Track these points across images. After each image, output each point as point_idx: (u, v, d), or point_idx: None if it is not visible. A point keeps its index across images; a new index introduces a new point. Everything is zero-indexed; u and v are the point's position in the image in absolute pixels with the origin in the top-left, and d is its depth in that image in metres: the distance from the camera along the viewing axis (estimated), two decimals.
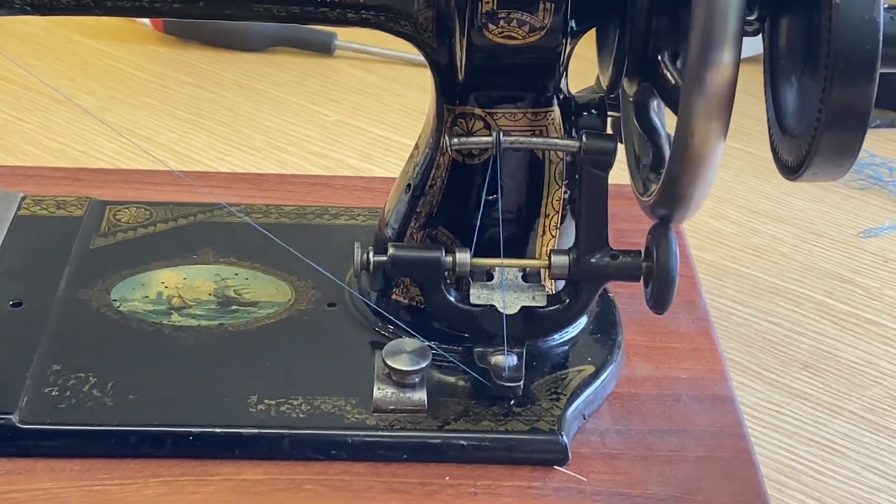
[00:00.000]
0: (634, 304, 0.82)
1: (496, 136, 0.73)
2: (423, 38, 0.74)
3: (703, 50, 0.62)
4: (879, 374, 0.96)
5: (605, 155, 0.72)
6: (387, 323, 0.80)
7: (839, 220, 1.18)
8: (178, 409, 0.73)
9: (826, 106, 0.61)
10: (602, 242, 0.73)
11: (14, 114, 1.30)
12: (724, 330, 0.99)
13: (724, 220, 1.16)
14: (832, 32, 0.60)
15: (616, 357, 0.80)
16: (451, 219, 0.77)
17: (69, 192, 0.94)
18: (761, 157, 1.24)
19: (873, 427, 0.91)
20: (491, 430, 0.73)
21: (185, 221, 0.90)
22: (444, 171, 0.77)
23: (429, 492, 0.71)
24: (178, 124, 1.30)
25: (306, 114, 1.34)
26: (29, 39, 1.46)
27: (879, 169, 1.25)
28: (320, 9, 0.74)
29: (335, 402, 0.74)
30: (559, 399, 0.75)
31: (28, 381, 0.74)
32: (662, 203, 0.70)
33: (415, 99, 1.36)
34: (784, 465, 0.87)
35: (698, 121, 0.64)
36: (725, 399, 0.79)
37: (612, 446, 0.74)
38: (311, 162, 1.24)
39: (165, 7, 0.74)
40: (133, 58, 1.44)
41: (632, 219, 0.85)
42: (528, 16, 0.71)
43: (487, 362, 0.74)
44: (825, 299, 1.05)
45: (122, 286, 0.83)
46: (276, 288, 0.84)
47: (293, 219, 0.91)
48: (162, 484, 0.70)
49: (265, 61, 1.45)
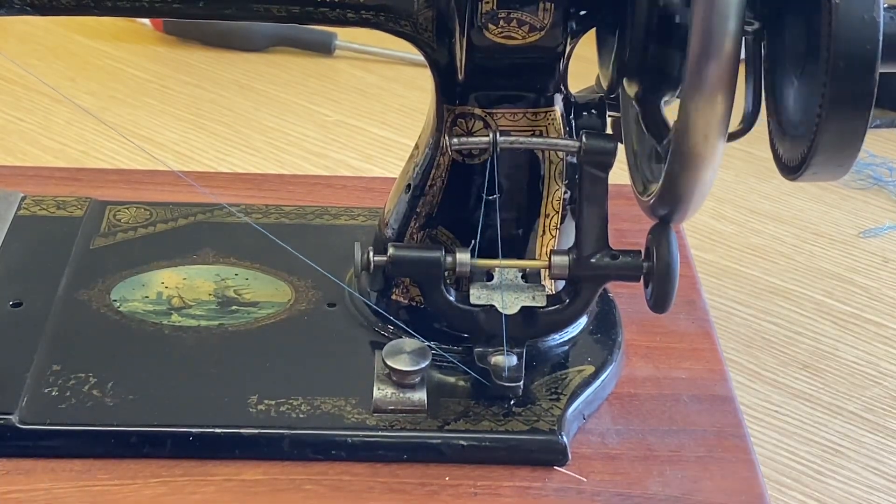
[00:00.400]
0: (634, 304, 0.82)
1: (493, 136, 0.73)
2: (423, 38, 0.74)
3: (703, 50, 0.62)
4: (879, 374, 0.96)
5: (605, 155, 0.72)
6: (387, 323, 0.80)
7: (839, 220, 1.18)
8: (178, 409, 0.73)
9: (826, 106, 0.61)
10: (602, 242, 0.73)
11: (14, 114, 1.30)
12: (724, 330, 0.98)
13: (724, 220, 1.16)
14: (832, 32, 0.60)
15: (616, 357, 0.80)
16: (451, 219, 0.77)
17: (69, 192, 0.94)
18: (761, 157, 1.24)
19: (873, 427, 0.91)
20: (491, 431, 0.73)
21: (185, 221, 0.90)
22: (444, 172, 0.77)
23: (429, 492, 0.70)
24: (178, 124, 1.30)
25: (306, 114, 1.33)
26: (29, 39, 1.46)
27: (879, 169, 1.25)
28: (320, 9, 0.74)
29: (335, 403, 0.74)
30: (559, 399, 0.75)
31: (28, 381, 0.74)
32: (662, 203, 0.70)
33: (415, 99, 1.36)
34: (784, 465, 0.87)
35: (698, 121, 0.63)
36: (725, 399, 0.79)
37: (612, 446, 0.74)
38: (311, 162, 1.24)
39: (165, 7, 0.74)
40: (133, 58, 1.44)
41: (632, 219, 0.85)
42: (528, 16, 0.71)
43: (487, 362, 0.74)
44: (825, 299, 1.05)
45: (122, 286, 0.83)
46: (276, 288, 0.84)
47: (293, 219, 0.91)
48: (162, 484, 0.70)
49: (265, 61, 1.45)
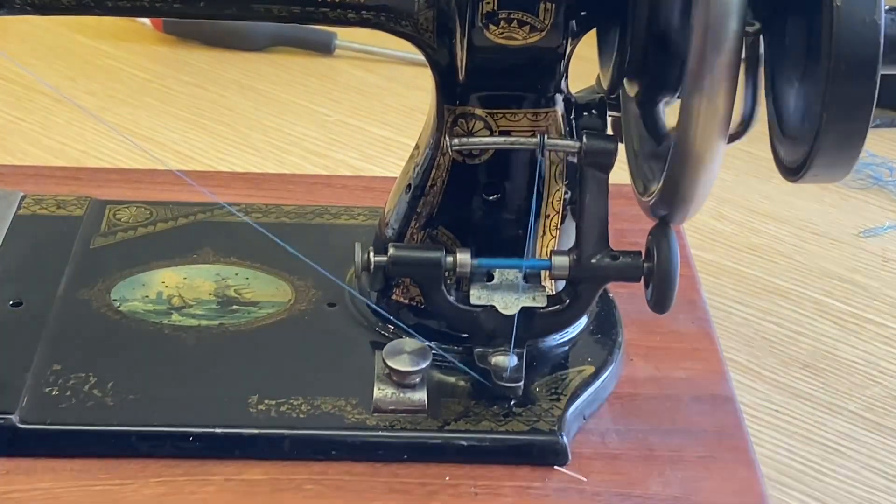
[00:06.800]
0: (634, 304, 0.82)
1: (541, 139, 0.72)
2: (424, 38, 0.74)
3: (703, 50, 0.62)
4: (879, 374, 0.96)
5: (606, 155, 0.72)
6: (387, 323, 0.80)
7: (839, 220, 1.18)
8: (178, 409, 0.73)
9: (827, 108, 0.61)
10: (602, 243, 0.73)
11: (14, 114, 1.30)
12: (724, 330, 0.99)
13: (724, 220, 1.16)
14: (833, 34, 0.60)
15: (616, 357, 0.80)
16: (452, 219, 0.77)
17: (69, 191, 0.94)
18: (761, 157, 1.24)
19: (873, 427, 0.91)
20: (491, 431, 0.73)
21: (185, 221, 0.90)
22: (445, 172, 0.77)
23: (429, 492, 0.70)
24: (178, 124, 1.30)
25: (306, 114, 1.34)
26: (29, 39, 1.46)
27: (879, 169, 1.25)
28: (320, 9, 0.74)
29: (335, 403, 0.74)
30: (559, 399, 0.75)
31: (28, 381, 0.74)
32: (663, 203, 0.70)
33: (415, 99, 1.36)
34: (784, 465, 0.87)
35: (699, 121, 0.63)
36: (725, 399, 0.79)
37: (613, 446, 0.74)
38: (311, 162, 1.24)
39: (165, 7, 0.74)
40: (133, 58, 1.44)
41: (632, 219, 0.85)
42: (528, 16, 0.71)
43: (487, 363, 0.74)
44: (825, 299, 1.05)
45: (122, 286, 0.83)
46: (276, 288, 0.83)
47: (293, 219, 0.91)
48: (162, 484, 0.70)
49: (265, 61, 1.45)
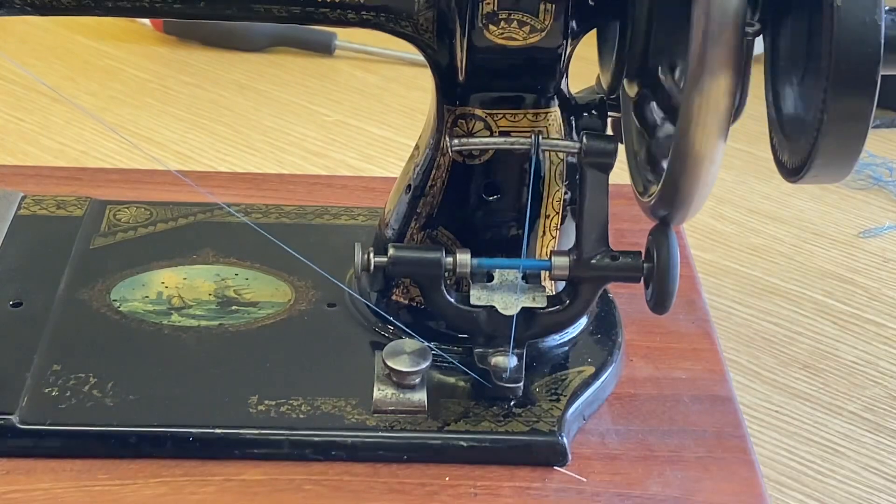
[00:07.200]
0: (634, 305, 0.82)
1: (535, 139, 0.73)
2: (424, 38, 0.74)
3: (703, 50, 0.62)
4: (879, 374, 0.96)
5: (606, 156, 0.72)
6: (387, 323, 0.80)
7: (839, 220, 1.18)
8: (178, 409, 0.73)
9: (827, 109, 0.61)
10: (602, 243, 0.73)
11: (14, 114, 1.30)
12: (724, 330, 0.99)
13: (724, 220, 1.16)
14: (833, 35, 0.60)
15: (616, 357, 0.80)
16: (452, 219, 0.77)
17: (69, 191, 0.94)
18: (761, 157, 1.24)
19: (873, 427, 0.91)
20: (491, 431, 0.73)
21: (185, 221, 0.90)
22: (445, 172, 0.77)
23: (429, 492, 0.70)
24: (178, 124, 1.30)
25: (306, 114, 1.34)
26: (29, 39, 1.46)
27: (879, 169, 1.25)
28: (320, 9, 0.74)
29: (335, 403, 0.74)
30: (559, 400, 0.75)
31: (28, 381, 0.74)
32: (662, 204, 0.70)
33: (415, 99, 1.36)
34: (784, 465, 0.87)
35: (698, 121, 0.63)
36: (725, 399, 0.79)
37: (612, 447, 0.74)
38: (311, 162, 1.24)
39: (165, 7, 0.74)
40: (133, 58, 1.44)
41: (632, 219, 0.85)
42: (528, 17, 0.71)
43: (487, 363, 0.74)
44: (825, 299, 1.05)
45: (122, 286, 0.83)
46: (276, 288, 0.83)
47: (293, 219, 0.91)
48: (162, 484, 0.70)
49: (265, 61, 1.45)
